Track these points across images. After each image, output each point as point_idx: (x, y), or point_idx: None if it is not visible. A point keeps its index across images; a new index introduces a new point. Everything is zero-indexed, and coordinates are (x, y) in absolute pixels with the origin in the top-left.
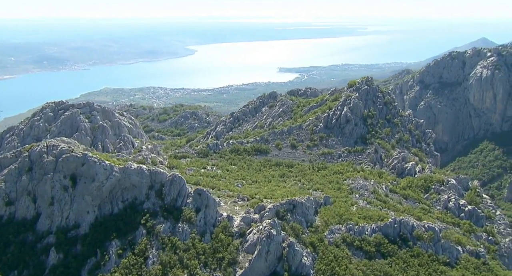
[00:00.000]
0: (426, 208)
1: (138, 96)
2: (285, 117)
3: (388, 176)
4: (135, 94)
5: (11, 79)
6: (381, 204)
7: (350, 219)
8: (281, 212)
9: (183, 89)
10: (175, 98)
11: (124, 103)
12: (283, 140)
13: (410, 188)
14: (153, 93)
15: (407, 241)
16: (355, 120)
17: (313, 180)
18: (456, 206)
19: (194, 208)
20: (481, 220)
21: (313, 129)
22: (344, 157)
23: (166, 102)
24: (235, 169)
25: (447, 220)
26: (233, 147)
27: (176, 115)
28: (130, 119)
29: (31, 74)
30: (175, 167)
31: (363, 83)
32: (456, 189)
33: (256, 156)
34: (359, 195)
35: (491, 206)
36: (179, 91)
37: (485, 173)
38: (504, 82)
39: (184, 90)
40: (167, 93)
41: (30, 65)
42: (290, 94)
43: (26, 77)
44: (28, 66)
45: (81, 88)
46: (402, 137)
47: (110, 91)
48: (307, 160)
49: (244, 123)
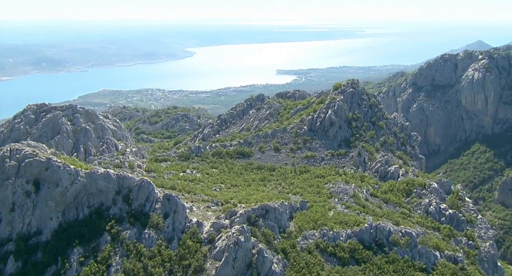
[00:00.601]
0: (406, 213)
1: (136, 98)
2: (272, 120)
3: (370, 179)
4: (133, 96)
5: (9, 81)
6: (360, 208)
7: (325, 224)
8: (252, 217)
9: (181, 91)
10: (173, 100)
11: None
12: (266, 143)
13: (392, 192)
14: (151, 95)
15: (383, 246)
16: (339, 123)
17: (294, 183)
18: (437, 210)
19: (162, 214)
20: (461, 224)
21: (297, 132)
22: (327, 161)
23: (163, 104)
24: (215, 173)
25: (427, 225)
26: (215, 150)
27: (167, 117)
28: (114, 121)
29: (29, 75)
30: (153, 171)
31: (349, 86)
32: (437, 193)
33: (238, 160)
34: (338, 199)
35: (472, 210)
36: (177, 93)
37: (476, 175)
38: (495, 85)
39: (182, 92)
40: (165, 95)
41: (28, 67)
42: (278, 97)
43: (24, 78)
44: (27, 67)
45: (79, 90)
46: (387, 140)
47: (108, 93)
48: (289, 163)
49: (232, 125)
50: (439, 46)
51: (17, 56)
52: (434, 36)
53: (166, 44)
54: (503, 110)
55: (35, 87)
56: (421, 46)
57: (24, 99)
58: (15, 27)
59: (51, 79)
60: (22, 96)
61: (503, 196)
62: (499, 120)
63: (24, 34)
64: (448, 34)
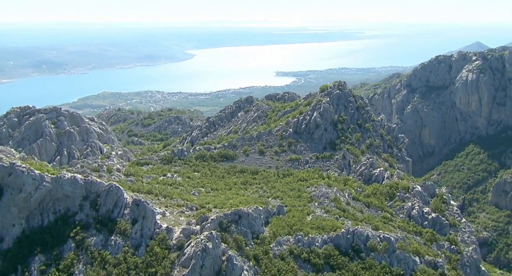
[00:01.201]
0: (388, 217)
1: (135, 100)
2: (260, 122)
3: (354, 183)
4: (133, 98)
5: (9, 83)
6: (340, 213)
7: (301, 230)
8: (224, 223)
9: (181, 93)
10: (172, 102)
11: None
12: (251, 146)
13: (375, 195)
14: (151, 97)
15: (360, 252)
16: (325, 125)
17: (276, 187)
18: (420, 214)
19: (130, 220)
20: (444, 228)
21: (283, 135)
22: (311, 164)
23: (163, 106)
24: (196, 176)
25: (409, 229)
26: (199, 153)
27: (160, 119)
28: (100, 124)
29: (30, 78)
30: (132, 175)
31: (335, 88)
32: (421, 197)
33: (222, 163)
34: (318, 203)
35: (457, 214)
36: (177, 95)
37: (470, 176)
38: (489, 86)
39: (182, 94)
40: (165, 97)
41: (28, 69)
42: (267, 99)
43: (24, 81)
44: (27, 70)
45: (79, 92)
46: (373, 143)
47: (108, 95)
48: (273, 166)
49: (220, 128)
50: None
51: (17, 59)
52: (432, 38)
53: (166, 47)
54: (497, 111)
55: (35, 89)
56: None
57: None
58: (16, 29)
59: (51, 81)
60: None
61: (496, 197)
62: (493, 121)
63: (25, 36)
64: (447, 35)
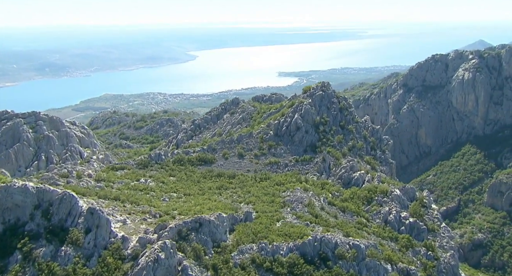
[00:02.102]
0: (363, 222)
1: (137, 102)
2: (244, 124)
3: (332, 186)
4: (135, 100)
5: (12, 87)
6: (312, 218)
7: (266, 237)
8: (183, 231)
9: (182, 95)
10: (174, 103)
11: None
12: (231, 149)
13: (352, 199)
14: (152, 98)
15: (327, 260)
16: (306, 128)
17: (251, 192)
18: (397, 219)
19: (84, 229)
20: (422, 233)
21: (263, 138)
22: (290, 167)
23: (164, 108)
24: (171, 181)
25: (384, 235)
26: (176, 157)
27: (153, 122)
28: (82, 128)
29: (33, 81)
30: (103, 180)
31: (318, 89)
32: (399, 201)
33: (200, 167)
34: (290, 208)
35: (436, 218)
36: (178, 96)
37: (466, 177)
38: (485, 85)
39: (183, 96)
40: (166, 98)
41: (32, 73)
42: (254, 100)
43: (27, 84)
44: (30, 73)
45: (82, 94)
46: (356, 145)
47: (110, 97)
48: (252, 170)
49: (205, 130)
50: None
51: (21, 62)
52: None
53: (168, 48)
54: (494, 110)
55: (38, 92)
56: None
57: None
58: (20, 33)
59: (54, 84)
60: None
61: (492, 198)
62: (490, 120)
63: (29, 40)
64: (450, 34)
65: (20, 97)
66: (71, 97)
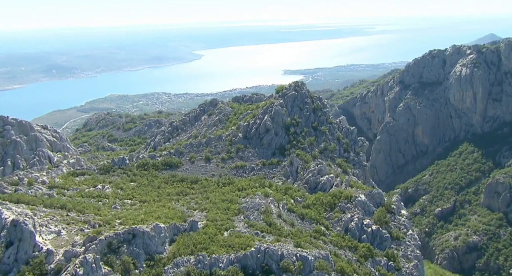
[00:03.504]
0: (320, 230)
1: (142, 102)
2: (220, 126)
3: (296, 192)
4: (139, 100)
5: (20, 89)
6: (264, 227)
7: (207, 249)
8: (114, 243)
9: (187, 94)
10: (178, 103)
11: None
12: (198, 153)
13: (315, 205)
14: (157, 98)
15: (270, 273)
16: (276, 129)
17: (209, 198)
18: (358, 227)
19: (5, 243)
20: (385, 242)
21: (232, 140)
22: (256, 171)
23: (169, 107)
24: (130, 187)
25: (342, 244)
26: (141, 161)
27: (142, 123)
28: (54, 132)
29: (40, 83)
30: (56, 187)
31: (291, 89)
32: (364, 207)
33: (164, 171)
34: (244, 216)
35: (403, 225)
36: (183, 96)
37: (462, 177)
38: (483, 81)
39: (188, 95)
40: (171, 98)
41: (39, 74)
42: (234, 101)
43: (34, 86)
44: (38, 75)
45: (87, 95)
46: (328, 147)
47: (115, 98)
48: (217, 174)
49: (182, 132)
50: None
51: (28, 64)
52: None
53: (174, 48)
54: (493, 107)
55: (45, 94)
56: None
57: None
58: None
59: (60, 86)
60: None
61: (489, 199)
62: (489, 118)
63: (37, 42)
64: (460, 28)
65: (27, 99)
66: (76, 99)
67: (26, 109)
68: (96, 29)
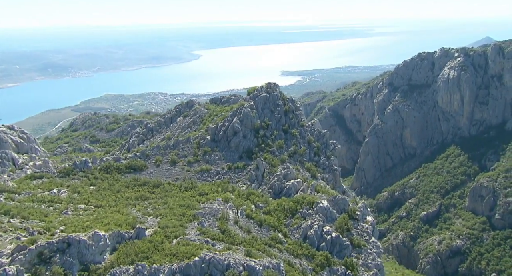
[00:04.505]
0: (277, 238)
1: (138, 102)
2: (193, 128)
3: (259, 197)
4: (135, 100)
5: (14, 87)
6: (217, 234)
7: (148, 258)
8: (46, 253)
9: (183, 94)
10: (174, 103)
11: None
12: (165, 156)
13: (275, 212)
14: (153, 98)
15: None
16: (244, 132)
17: (167, 203)
18: (318, 234)
19: None
20: (345, 250)
21: (200, 143)
22: (222, 175)
23: (164, 108)
24: (88, 191)
25: (298, 252)
26: (106, 164)
27: (125, 124)
28: (21, 133)
29: (35, 81)
30: (5, 191)
31: (263, 90)
32: (325, 213)
33: (128, 175)
34: (198, 223)
35: (366, 232)
36: (179, 96)
37: (448, 180)
38: (470, 84)
39: (184, 96)
40: (167, 98)
41: (34, 73)
42: (212, 102)
43: (29, 85)
44: (33, 74)
45: (83, 95)
46: (297, 150)
47: (110, 98)
48: (181, 178)
49: (157, 134)
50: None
51: (24, 63)
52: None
53: (172, 48)
54: (480, 110)
55: (39, 93)
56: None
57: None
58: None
59: (55, 85)
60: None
61: (473, 203)
62: (476, 121)
63: (33, 40)
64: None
65: (21, 98)
66: (71, 98)
67: (19, 108)
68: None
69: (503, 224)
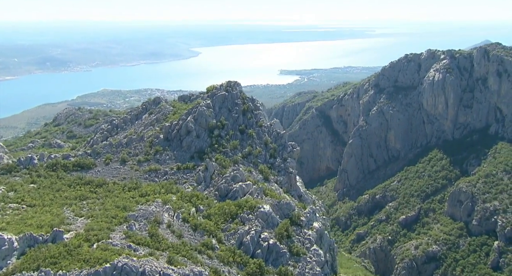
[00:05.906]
0: (209, 244)
1: (134, 98)
2: (157, 126)
3: (202, 200)
4: (132, 96)
5: (12, 80)
6: (143, 239)
7: (56, 264)
8: None
9: (180, 91)
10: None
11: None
12: (116, 154)
13: (215, 216)
14: (150, 95)
15: None
16: (198, 131)
17: (104, 203)
18: (254, 240)
19: None
20: (281, 257)
21: (153, 141)
22: (170, 175)
23: None
24: (26, 190)
25: (230, 259)
26: (51, 161)
27: (103, 120)
28: None
29: (33, 75)
30: None
31: (222, 88)
32: (266, 218)
33: (74, 173)
34: (127, 226)
35: (308, 239)
36: (176, 93)
37: (429, 184)
38: (455, 87)
39: (181, 92)
40: (164, 95)
41: (32, 67)
42: (180, 100)
43: (27, 78)
44: (31, 67)
45: (80, 89)
46: (252, 151)
47: (107, 93)
48: (128, 178)
49: (121, 131)
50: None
51: (22, 56)
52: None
53: (171, 44)
54: (464, 114)
55: (36, 87)
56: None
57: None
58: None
59: (53, 79)
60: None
61: (452, 208)
62: (460, 124)
63: (32, 34)
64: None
65: (18, 91)
66: (68, 92)
67: (16, 101)
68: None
69: (480, 231)
